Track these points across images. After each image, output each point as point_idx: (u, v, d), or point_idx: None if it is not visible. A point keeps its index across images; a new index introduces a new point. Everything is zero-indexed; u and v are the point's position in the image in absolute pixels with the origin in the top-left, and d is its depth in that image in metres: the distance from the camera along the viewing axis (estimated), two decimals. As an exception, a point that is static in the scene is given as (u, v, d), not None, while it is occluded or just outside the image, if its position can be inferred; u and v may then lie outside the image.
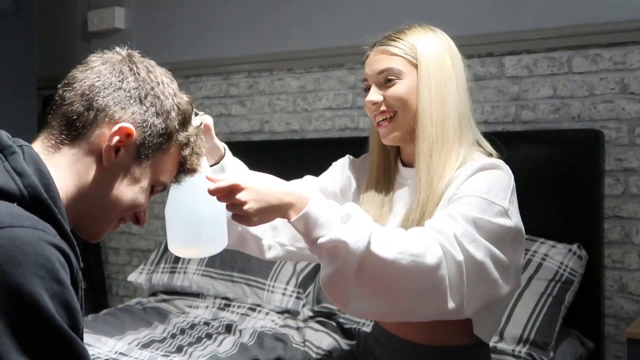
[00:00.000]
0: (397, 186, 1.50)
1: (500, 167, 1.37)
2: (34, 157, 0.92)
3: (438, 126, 1.38)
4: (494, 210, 1.29)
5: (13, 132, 1.00)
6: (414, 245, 1.19)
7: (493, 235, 1.27)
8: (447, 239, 1.22)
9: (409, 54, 1.41)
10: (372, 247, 1.16)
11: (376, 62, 1.44)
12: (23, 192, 0.87)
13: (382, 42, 1.45)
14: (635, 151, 2.26)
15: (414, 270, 1.18)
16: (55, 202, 0.90)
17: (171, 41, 3.18)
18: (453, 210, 1.28)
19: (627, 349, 1.89)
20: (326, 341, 2.10)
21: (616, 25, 2.28)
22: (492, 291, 1.32)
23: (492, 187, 1.32)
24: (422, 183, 1.38)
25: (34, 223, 0.84)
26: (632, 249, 2.26)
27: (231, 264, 2.50)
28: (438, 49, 1.42)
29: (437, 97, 1.39)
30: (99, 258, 3.38)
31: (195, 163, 1.08)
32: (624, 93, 2.28)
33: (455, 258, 1.21)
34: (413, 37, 1.43)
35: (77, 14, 3.46)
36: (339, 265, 1.16)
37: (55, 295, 0.81)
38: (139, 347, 2.02)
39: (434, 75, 1.40)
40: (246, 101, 3.04)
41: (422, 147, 1.38)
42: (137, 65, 1.03)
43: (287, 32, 2.91)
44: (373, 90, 1.44)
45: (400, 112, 1.42)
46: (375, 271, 1.17)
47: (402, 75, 1.41)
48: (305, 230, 1.17)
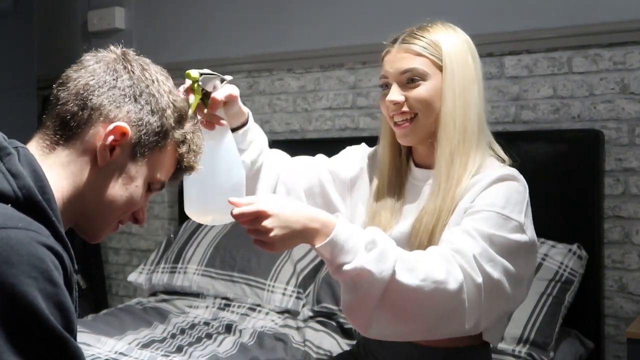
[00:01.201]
0: (409, 187, 1.48)
1: (516, 179, 1.36)
2: (29, 159, 0.92)
3: (461, 130, 1.36)
4: (510, 225, 1.29)
5: (13, 132, 1.00)
6: (437, 271, 1.19)
7: (508, 250, 1.27)
8: (467, 261, 1.22)
9: (433, 54, 1.37)
10: (397, 276, 1.16)
11: (399, 61, 1.40)
12: (17, 193, 0.87)
13: (405, 39, 1.40)
14: (635, 151, 2.26)
15: (437, 296, 1.19)
16: (50, 204, 0.89)
17: (171, 41, 3.18)
18: (470, 226, 1.27)
19: (627, 349, 1.89)
20: (326, 341, 2.10)
21: (616, 25, 2.28)
22: (507, 306, 1.34)
23: (509, 201, 1.31)
24: (442, 188, 1.36)
25: (27, 224, 0.84)
26: (632, 249, 2.26)
27: (231, 264, 2.50)
28: (461, 50, 1.39)
29: (460, 100, 1.36)
30: (99, 258, 3.38)
31: (192, 160, 1.07)
32: (624, 93, 2.28)
33: (475, 281, 1.22)
34: (437, 37, 1.39)
35: (77, 14, 3.46)
36: (362, 293, 1.17)
37: (49, 296, 0.81)
38: (139, 347, 2.02)
39: (458, 77, 1.37)
40: (246, 101, 3.04)
41: (444, 151, 1.36)
42: (132, 64, 1.03)
43: (287, 32, 2.91)
44: (394, 90, 1.39)
45: (421, 114, 1.38)
46: (399, 298, 1.18)
47: (426, 77, 1.37)
48: (330, 256, 1.16)
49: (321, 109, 2.86)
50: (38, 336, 0.80)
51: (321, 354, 2.04)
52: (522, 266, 1.30)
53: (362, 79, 2.75)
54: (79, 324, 2.19)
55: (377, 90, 2.72)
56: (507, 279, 1.27)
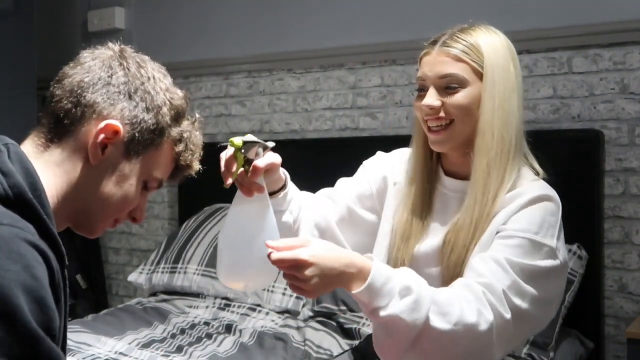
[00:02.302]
0: (438, 195, 1.43)
1: (551, 199, 1.33)
2: (20, 156, 0.91)
3: (499, 141, 1.32)
4: (542, 251, 1.27)
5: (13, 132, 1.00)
6: (469, 314, 1.19)
7: (538, 277, 1.26)
8: (498, 298, 1.22)
9: (475, 60, 1.32)
10: (430, 322, 1.16)
11: (439, 65, 1.34)
12: (7, 191, 0.86)
13: (446, 42, 1.35)
14: (635, 151, 2.26)
15: (468, 339, 1.19)
16: (41, 201, 0.89)
17: (171, 41, 3.18)
18: (501, 255, 1.25)
19: (627, 349, 1.89)
20: (326, 340, 2.10)
21: (616, 25, 2.28)
22: (534, 329, 1.35)
23: (542, 225, 1.29)
24: (478, 201, 1.32)
25: (13, 221, 0.83)
26: (632, 249, 2.26)
27: (231, 264, 2.50)
28: (504, 57, 1.34)
29: (500, 110, 1.32)
30: (99, 258, 3.38)
31: (189, 159, 1.06)
32: (624, 93, 2.28)
33: (504, 317, 1.21)
34: (479, 40, 1.34)
35: (77, 14, 3.45)
36: (395, 338, 1.18)
37: (28, 290, 0.79)
38: (139, 347, 2.02)
39: (499, 86, 1.32)
40: (246, 101, 3.04)
41: (481, 163, 1.32)
42: (128, 61, 1.02)
43: (287, 32, 2.91)
44: (432, 94, 1.34)
45: (458, 121, 1.33)
46: (432, 342, 1.18)
47: (466, 84, 1.32)
48: (367, 301, 1.16)
49: (321, 109, 2.86)
50: (12, 331, 0.78)
51: (321, 353, 2.04)
52: (551, 289, 1.30)
53: (362, 79, 2.75)
54: (79, 324, 2.19)
55: (376, 90, 2.72)
56: (535, 306, 1.26)
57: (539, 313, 1.28)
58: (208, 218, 2.75)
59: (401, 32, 2.63)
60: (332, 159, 1.65)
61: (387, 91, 2.70)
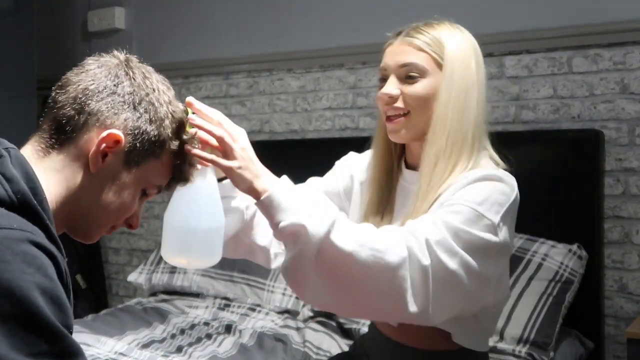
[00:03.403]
0: (400, 189, 1.44)
1: (503, 180, 1.30)
2: (21, 161, 0.92)
3: (450, 134, 1.31)
4: (482, 223, 1.23)
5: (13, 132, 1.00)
6: (378, 241, 1.16)
7: (474, 247, 1.22)
8: (418, 243, 1.18)
9: (435, 51, 1.34)
10: (331, 236, 1.14)
11: (400, 54, 1.36)
12: (12, 198, 0.87)
13: (409, 33, 1.37)
14: (635, 151, 2.26)
15: (372, 265, 1.15)
16: (43, 206, 0.89)
17: (171, 41, 3.18)
18: (438, 217, 1.23)
19: (627, 349, 1.89)
20: (326, 341, 2.10)
21: (616, 25, 2.28)
22: (467, 303, 1.27)
23: (488, 199, 1.26)
24: (422, 190, 1.32)
25: (22, 225, 0.84)
26: (632, 249, 2.26)
27: (231, 264, 2.50)
28: (465, 52, 1.35)
29: (456, 104, 1.32)
30: (99, 258, 3.38)
31: (188, 172, 1.07)
32: (624, 93, 2.28)
33: (420, 262, 1.17)
34: (442, 34, 1.35)
35: (77, 14, 3.46)
36: (298, 251, 1.14)
37: (45, 290, 0.81)
38: (139, 347, 2.02)
39: (457, 79, 1.33)
40: (246, 101, 3.04)
41: (429, 153, 1.32)
42: (134, 70, 1.02)
43: (287, 32, 2.91)
44: (391, 82, 1.36)
45: (414, 112, 1.34)
46: (333, 261, 1.15)
47: (425, 74, 1.33)
48: (269, 213, 1.16)
49: (321, 109, 2.86)
50: (35, 330, 0.80)
51: (321, 355, 2.04)
52: (488, 266, 1.25)
53: (362, 79, 2.75)
54: (78, 324, 2.19)
55: (376, 91, 2.72)
56: (467, 273, 1.21)
57: (470, 285, 1.22)
58: (208, 218, 2.75)
59: (401, 32, 2.63)
60: (332, 159, 1.65)
61: (387, 91, 2.70)
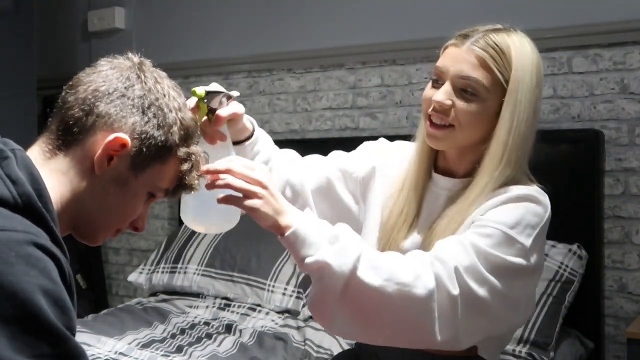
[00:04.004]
0: (429, 193, 1.39)
1: (536, 201, 1.27)
2: (26, 162, 0.91)
3: (506, 165, 1.27)
4: (513, 247, 1.21)
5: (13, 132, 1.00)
6: (404, 273, 1.14)
7: (504, 272, 1.20)
8: (446, 271, 1.16)
9: (502, 72, 1.26)
10: (358, 272, 1.12)
11: (463, 63, 1.27)
12: (17, 200, 0.87)
13: (478, 41, 1.27)
14: (635, 151, 2.26)
15: (400, 300, 1.13)
16: (47, 207, 0.89)
17: (171, 41, 3.18)
18: (468, 239, 1.20)
19: (627, 349, 1.89)
20: (327, 340, 2.10)
21: (616, 25, 2.28)
22: (496, 327, 1.26)
23: (521, 221, 1.23)
24: (460, 211, 1.29)
25: (26, 227, 0.84)
26: (632, 249, 2.26)
27: (231, 264, 2.50)
28: (531, 75, 1.27)
29: (517, 133, 1.26)
30: (99, 258, 3.38)
31: (193, 180, 1.06)
32: (624, 93, 2.28)
33: (449, 292, 1.15)
34: (512, 52, 1.26)
35: (77, 14, 3.45)
36: (323, 287, 1.13)
37: (48, 292, 0.81)
38: (139, 347, 2.02)
39: (521, 106, 1.26)
40: (246, 101, 3.04)
41: (480, 182, 1.28)
42: (146, 74, 1.02)
43: (287, 32, 2.91)
44: (446, 91, 1.28)
45: (460, 128, 1.28)
46: (360, 296, 1.14)
47: (484, 94, 1.26)
48: (293, 248, 1.14)
49: (321, 109, 2.86)
50: (38, 332, 0.80)
51: (321, 353, 2.04)
52: (518, 290, 1.23)
53: (362, 79, 2.75)
54: (79, 324, 2.19)
55: (376, 90, 2.72)
56: (497, 299, 1.19)
57: (500, 309, 1.21)
58: (208, 218, 2.75)
59: (401, 32, 2.63)
60: (332, 159, 1.64)
61: (387, 91, 2.70)
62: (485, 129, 1.29)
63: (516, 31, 1.32)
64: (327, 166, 1.49)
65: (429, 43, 2.60)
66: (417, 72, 2.63)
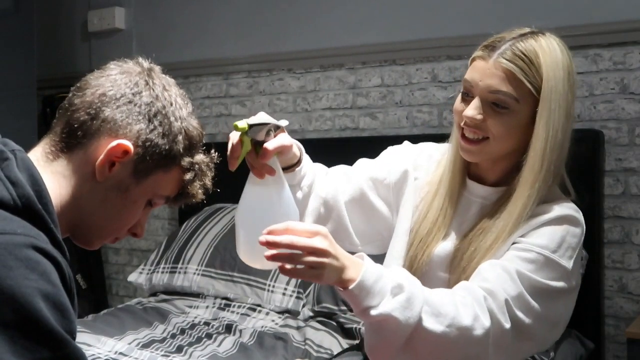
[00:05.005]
0: (462, 200, 1.39)
1: (576, 223, 1.28)
2: (27, 163, 0.91)
3: (546, 174, 1.27)
4: (556, 271, 1.24)
5: (13, 132, 1.00)
6: (464, 316, 1.16)
7: (548, 296, 1.23)
8: (498, 306, 1.19)
9: (532, 82, 1.24)
10: (423, 322, 1.14)
11: (491, 77, 1.25)
12: (17, 201, 0.86)
13: (505, 53, 1.24)
14: (635, 151, 2.26)
15: (462, 342, 1.17)
16: (47, 209, 0.89)
17: (171, 41, 3.18)
18: (512, 266, 1.22)
19: (627, 349, 1.89)
20: (327, 340, 2.10)
21: (616, 25, 2.28)
22: (540, 347, 1.31)
23: (562, 244, 1.25)
24: (500, 227, 1.29)
25: (26, 230, 0.84)
26: (632, 249, 2.26)
27: (231, 264, 2.50)
28: (563, 82, 1.25)
29: (553, 141, 1.25)
30: (99, 258, 3.38)
31: (195, 190, 1.05)
32: (624, 93, 2.28)
33: (502, 327, 1.19)
34: (541, 61, 1.24)
35: (77, 14, 3.46)
36: (387, 338, 1.15)
37: (48, 296, 0.81)
38: (139, 347, 2.02)
39: (555, 114, 1.24)
40: (246, 101, 3.04)
41: (522, 194, 1.27)
42: (154, 81, 1.01)
43: (287, 32, 2.91)
44: (476, 106, 1.27)
45: (494, 140, 1.27)
46: (424, 343, 1.16)
47: (515, 106, 1.25)
48: (356, 299, 1.12)
49: (321, 109, 2.86)
50: (38, 337, 0.80)
51: (321, 352, 2.04)
52: (559, 311, 1.27)
53: (362, 79, 2.75)
54: (79, 324, 2.19)
55: (376, 90, 2.72)
56: (541, 323, 1.23)
57: (543, 332, 1.25)
58: (208, 218, 2.75)
59: (401, 32, 2.63)
60: (332, 159, 1.64)
61: (387, 91, 2.70)
62: (520, 139, 1.29)
63: (544, 34, 1.28)
64: (358, 176, 1.47)
65: (429, 43, 2.62)
66: (417, 72, 2.63)
